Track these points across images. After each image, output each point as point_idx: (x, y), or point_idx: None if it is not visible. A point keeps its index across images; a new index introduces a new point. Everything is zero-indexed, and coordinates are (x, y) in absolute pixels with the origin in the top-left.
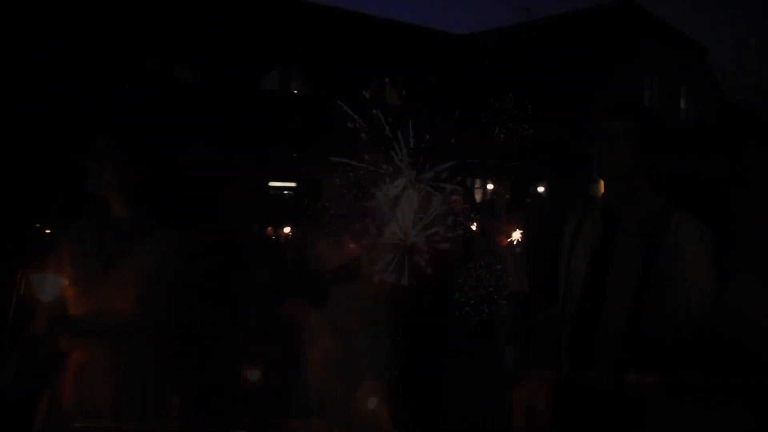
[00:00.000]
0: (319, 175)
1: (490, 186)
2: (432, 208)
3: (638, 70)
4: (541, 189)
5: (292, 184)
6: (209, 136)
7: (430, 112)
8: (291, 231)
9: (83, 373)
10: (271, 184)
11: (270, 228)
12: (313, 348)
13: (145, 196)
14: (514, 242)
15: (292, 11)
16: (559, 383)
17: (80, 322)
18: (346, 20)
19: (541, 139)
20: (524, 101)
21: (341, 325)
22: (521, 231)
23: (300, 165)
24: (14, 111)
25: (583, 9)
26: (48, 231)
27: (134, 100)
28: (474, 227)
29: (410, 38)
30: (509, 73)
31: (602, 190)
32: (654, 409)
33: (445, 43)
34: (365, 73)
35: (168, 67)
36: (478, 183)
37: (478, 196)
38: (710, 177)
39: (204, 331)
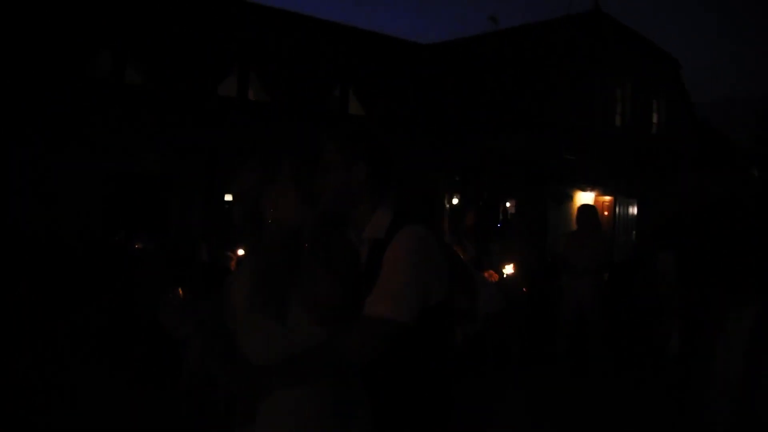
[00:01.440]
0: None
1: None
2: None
3: (609, 81)
4: (508, 205)
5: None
6: (159, 144)
7: (395, 122)
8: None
9: None
10: (227, 198)
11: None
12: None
13: None
14: (505, 276)
15: (251, 14)
16: None
17: None
18: (309, 25)
19: (509, 152)
20: (491, 112)
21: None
22: (512, 263)
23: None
24: None
25: (553, 18)
26: None
27: (82, 103)
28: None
29: (374, 46)
30: (476, 83)
31: (575, 208)
32: None
33: (410, 53)
34: (328, 81)
35: (119, 69)
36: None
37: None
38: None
39: None
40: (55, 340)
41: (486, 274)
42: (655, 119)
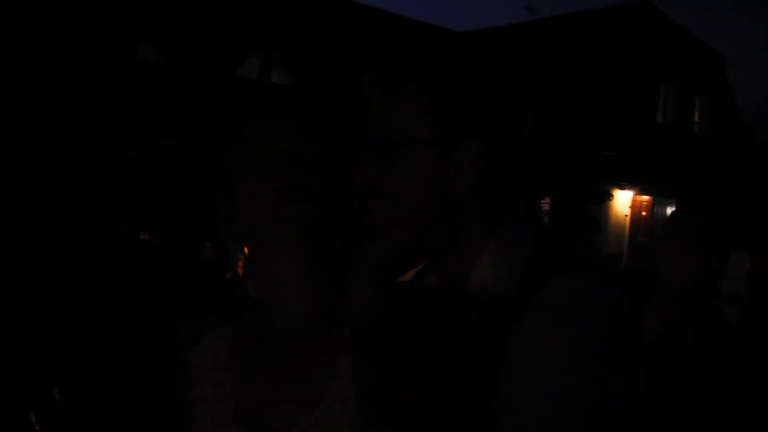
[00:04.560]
0: None
1: None
2: None
3: (652, 76)
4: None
5: None
6: (173, 129)
7: None
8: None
9: None
10: None
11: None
12: None
13: None
14: None
15: None
16: None
17: None
18: (338, 8)
19: (544, 146)
20: (526, 104)
21: None
22: None
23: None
24: None
25: (594, 9)
26: None
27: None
28: None
29: (406, 32)
30: (510, 74)
31: (613, 208)
32: None
33: (443, 40)
34: (357, 66)
35: (132, 47)
36: None
37: None
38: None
39: None
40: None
41: None
42: (696, 117)
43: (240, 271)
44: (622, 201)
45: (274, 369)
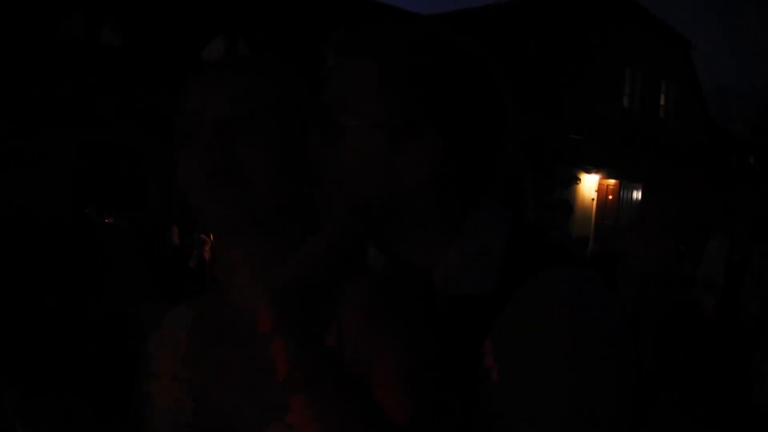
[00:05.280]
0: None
1: None
2: None
3: (619, 60)
4: None
5: None
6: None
7: None
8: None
9: None
10: None
11: None
12: None
13: None
14: None
15: None
16: None
17: None
18: None
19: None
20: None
21: None
22: None
23: None
24: None
25: None
26: None
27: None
28: None
29: (370, 14)
30: (495, 53)
31: (580, 192)
32: None
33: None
34: (320, 49)
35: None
36: None
37: None
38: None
39: None
40: None
41: None
42: (662, 101)
43: (207, 256)
44: (589, 185)
45: (237, 368)
